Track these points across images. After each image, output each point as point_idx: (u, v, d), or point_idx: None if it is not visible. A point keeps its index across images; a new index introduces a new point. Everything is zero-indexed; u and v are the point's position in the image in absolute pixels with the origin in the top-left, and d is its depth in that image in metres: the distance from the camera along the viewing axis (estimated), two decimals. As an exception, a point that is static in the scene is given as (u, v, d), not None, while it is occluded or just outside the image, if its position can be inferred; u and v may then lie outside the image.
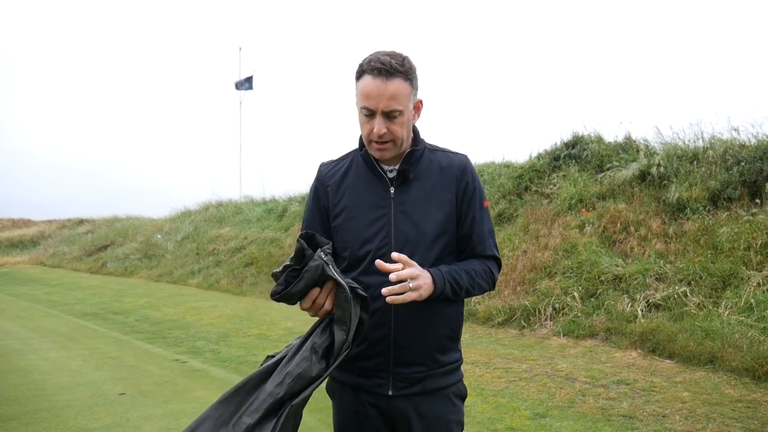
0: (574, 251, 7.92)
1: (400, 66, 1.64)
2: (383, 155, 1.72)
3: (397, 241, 1.70)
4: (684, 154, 8.47)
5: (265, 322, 8.85)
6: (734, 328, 5.55)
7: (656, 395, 4.66)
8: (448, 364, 1.76)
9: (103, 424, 4.37)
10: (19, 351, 7.22)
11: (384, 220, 1.72)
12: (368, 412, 1.74)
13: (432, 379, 1.73)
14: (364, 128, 1.70)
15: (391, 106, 1.64)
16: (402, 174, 1.74)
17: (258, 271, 12.99)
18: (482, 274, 1.77)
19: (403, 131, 1.70)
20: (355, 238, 1.73)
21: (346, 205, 1.77)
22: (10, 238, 28.59)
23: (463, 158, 1.82)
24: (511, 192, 10.23)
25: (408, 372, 1.71)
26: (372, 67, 1.64)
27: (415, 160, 1.76)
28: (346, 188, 1.79)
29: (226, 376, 5.78)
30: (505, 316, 7.47)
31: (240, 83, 23.11)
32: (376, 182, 1.76)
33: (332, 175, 1.83)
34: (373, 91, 1.63)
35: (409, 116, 1.71)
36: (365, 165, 1.78)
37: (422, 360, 1.71)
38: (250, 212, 17.19)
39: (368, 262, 1.70)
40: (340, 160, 1.86)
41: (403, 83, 1.65)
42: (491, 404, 4.63)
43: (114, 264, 18.27)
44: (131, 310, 10.69)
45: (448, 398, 1.76)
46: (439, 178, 1.76)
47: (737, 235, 6.71)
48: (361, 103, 1.67)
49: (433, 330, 1.72)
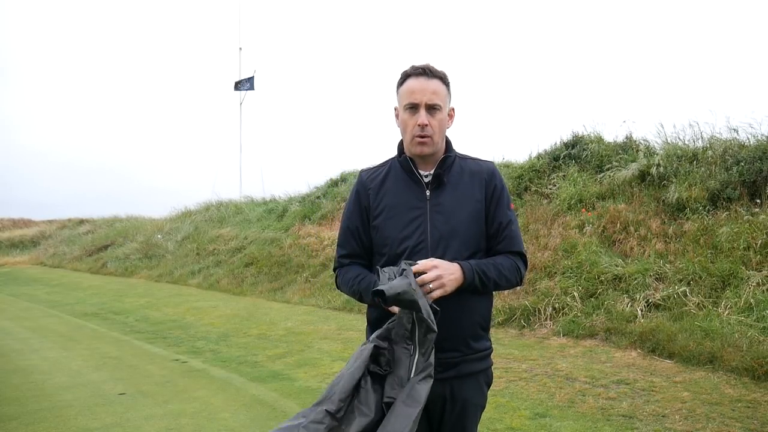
0: (574, 251, 7.93)
1: (439, 72, 1.96)
2: (423, 150, 1.93)
3: (433, 239, 1.90)
4: (684, 154, 8.48)
5: (265, 322, 8.85)
6: (734, 327, 5.55)
7: (656, 395, 4.67)
8: (480, 351, 1.98)
9: (103, 424, 4.37)
10: (20, 351, 7.22)
11: (421, 219, 1.93)
12: None
13: (466, 364, 1.93)
14: (407, 125, 1.94)
15: (433, 100, 1.91)
16: (437, 178, 1.96)
17: (258, 271, 12.99)
18: (509, 268, 1.97)
19: (441, 129, 1.96)
20: (394, 235, 1.92)
21: (386, 206, 1.97)
22: (10, 238, 28.61)
23: (491, 165, 2.07)
24: (511, 192, 10.22)
25: (445, 357, 1.85)
26: (415, 70, 1.94)
27: (448, 166, 1.98)
28: (386, 191, 1.99)
29: (226, 376, 5.78)
30: (505, 316, 7.47)
31: (241, 83, 23.09)
32: (414, 185, 1.97)
33: (373, 179, 2.04)
34: (417, 87, 1.91)
35: (445, 117, 1.97)
36: (403, 170, 2.00)
37: (457, 346, 1.90)
38: (250, 212, 17.19)
39: (406, 258, 1.88)
40: (380, 166, 2.08)
41: (441, 85, 1.95)
42: (491, 404, 4.63)
43: (114, 264, 18.27)
44: (131, 310, 10.70)
45: (477, 383, 1.99)
46: (470, 182, 1.99)
47: (737, 235, 6.71)
48: (406, 100, 1.93)
49: (467, 319, 1.92)
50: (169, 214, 21.40)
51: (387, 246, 1.93)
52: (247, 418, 4.49)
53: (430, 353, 1.73)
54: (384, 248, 1.94)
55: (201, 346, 7.37)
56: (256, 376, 5.77)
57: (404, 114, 1.95)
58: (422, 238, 1.90)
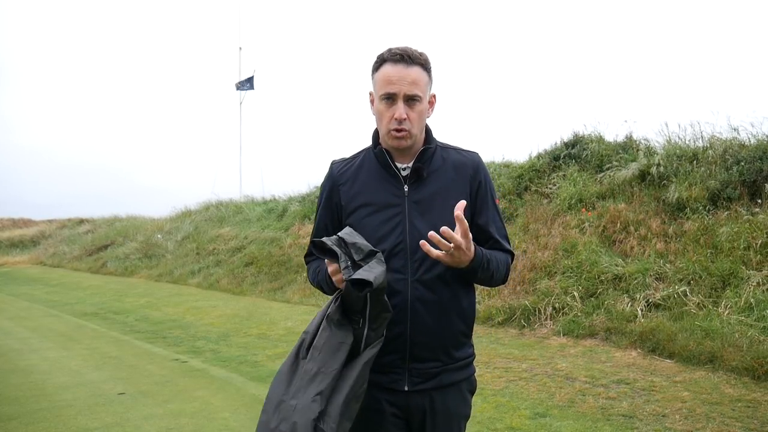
0: (574, 251, 7.93)
1: (420, 56, 1.72)
2: (400, 144, 1.73)
3: (413, 239, 1.71)
4: (684, 154, 8.47)
5: (265, 321, 8.85)
6: (734, 327, 5.55)
7: (656, 395, 4.66)
8: (462, 359, 1.80)
9: (103, 424, 4.37)
10: (19, 351, 7.22)
11: (398, 218, 1.74)
12: (384, 409, 1.75)
13: (447, 374, 1.77)
14: (383, 117, 1.73)
15: (412, 91, 1.68)
16: (416, 172, 1.76)
17: (258, 271, 12.99)
18: (504, 264, 1.82)
19: (421, 121, 1.74)
20: (369, 236, 1.72)
21: (359, 203, 1.78)
22: (10, 237, 28.61)
23: (476, 156, 1.85)
24: (511, 192, 10.23)
25: (423, 367, 1.73)
26: (393, 55, 1.70)
27: (428, 158, 1.78)
28: (360, 186, 1.80)
29: (226, 376, 5.78)
30: (505, 316, 7.47)
31: (241, 83, 23.08)
32: (390, 180, 1.77)
33: (344, 172, 1.84)
34: (395, 75, 1.68)
35: (425, 107, 1.75)
36: (378, 163, 1.80)
37: (437, 355, 1.74)
38: (250, 212, 17.18)
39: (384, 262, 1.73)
40: (353, 158, 1.87)
41: (422, 72, 1.72)
42: (491, 404, 4.63)
43: (114, 264, 18.27)
44: (131, 309, 10.70)
45: (460, 392, 1.81)
46: (453, 175, 1.79)
47: (737, 235, 6.71)
48: (382, 89, 1.70)
49: (449, 326, 1.75)
50: (169, 214, 21.41)
51: None
52: (247, 417, 4.48)
53: (382, 329, 1.64)
54: None
55: (201, 345, 7.37)
56: (256, 375, 5.76)
57: (380, 104, 1.72)
58: (400, 239, 1.72)
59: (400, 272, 1.70)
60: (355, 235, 1.68)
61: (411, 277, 1.71)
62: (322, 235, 1.80)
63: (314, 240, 1.73)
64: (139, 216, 23.99)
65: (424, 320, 1.71)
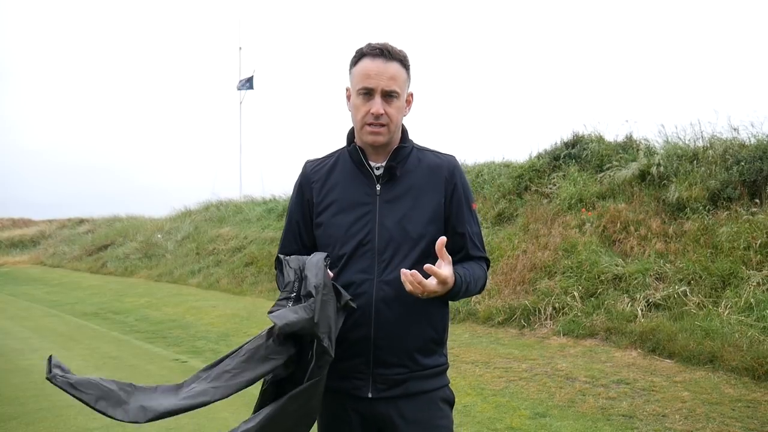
0: (574, 251, 7.92)
1: (399, 52, 1.70)
2: (377, 140, 1.69)
3: (381, 239, 1.69)
4: (684, 154, 8.47)
5: (265, 321, 8.80)
6: (734, 327, 5.55)
7: (656, 395, 4.66)
8: (431, 368, 1.72)
9: (103, 424, 4.37)
10: (20, 350, 7.22)
11: (368, 217, 1.71)
12: (350, 417, 1.70)
13: (415, 382, 1.69)
14: (359, 111, 1.70)
15: (390, 86, 1.66)
16: (389, 171, 1.73)
17: (258, 271, 12.99)
18: (482, 278, 1.78)
19: (398, 117, 1.71)
20: (338, 234, 1.71)
21: (330, 201, 1.76)
22: (10, 237, 28.58)
23: (452, 159, 1.81)
24: (511, 192, 10.23)
25: (389, 373, 1.67)
26: (372, 49, 1.68)
27: (402, 158, 1.75)
28: (332, 185, 1.77)
29: (226, 376, 5.78)
30: (505, 316, 7.47)
31: (240, 83, 23.08)
32: (362, 178, 1.75)
33: (317, 171, 1.82)
34: (374, 70, 1.66)
35: (403, 104, 1.73)
36: (352, 161, 1.77)
37: (403, 361, 1.68)
38: (250, 212, 17.18)
39: (348, 259, 1.70)
40: (327, 157, 1.85)
41: (400, 68, 1.70)
42: (491, 404, 4.63)
43: (114, 264, 18.27)
44: (131, 309, 10.69)
45: (433, 402, 1.72)
46: (428, 177, 1.75)
47: (737, 235, 6.71)
48: (360, 84, 1.68)
49: (416, 331, 1.69)
50: (169, 214, 21.40)
51: (330, 246, 1.72)
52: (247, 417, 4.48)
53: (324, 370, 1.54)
54: (327, 248, 1.73)
55: (201, 345, 7.37)
56: (256, 375, 5.76)
57: (357, 99, 1.69)
58: (369, 238, 1.69)
59: (365, 272, 1.67)
60: (312, 267, 1.59)
61: (377, 278, 1.67)
62: (294, 231, 1.83)
63: (278, 256, 1.74)
64: (139, 216, 23.99)
65: (389, 322, 1.65)
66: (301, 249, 1.83)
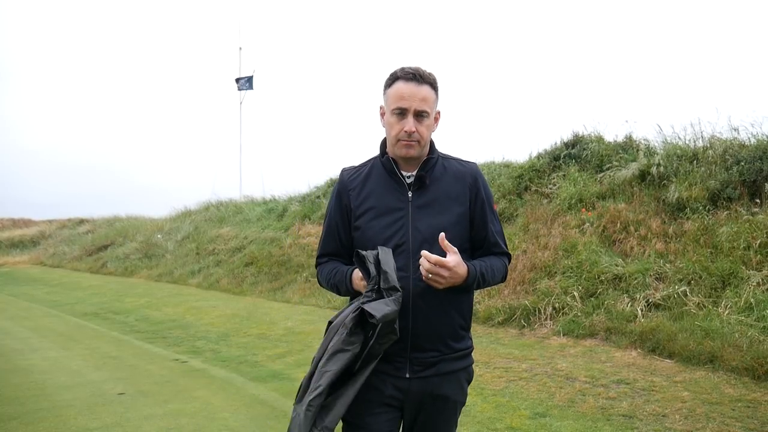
0: (574, 251, 7.93)
1: (429, 76, 1.93)
2: (409, 153, 1.92)
3: (415, 240, 1.90)
4: (684, 154, 8.47)
5: (265, 321, 8.85)
6: (734, 327, 5.55)
7: (656, 395, 4.66)
8: (460, 350, 1.98)
9: (103, 424, 4.37)
10: (20, 351, 7.22)
11: (403, 221, 1.93)
12: (385, 386, 1.91)
13: (445, 363, 1.94)
14: (393, 129, 1.92)
15: (422, 107, 1.89)
16: (419, 179, 1.96)
17: (258, 271, 12.99)
18: (501, 269, 2.03)
19: (428, 134, 1.95)
20: (376, 236, 1.92)
21: (368, 207, 1.97)
22: (10, 237, 28.57)
23: (474, 167, 2.06)
24: (511, 192, 10.23)
25: (424, 356, 1.91)
26: (406, 74, 1.91)
27: (430, 167, 1.98)
28: (368, 192, 1.99)
29: (226, 376, 5.78)
30: (505, 316, 7.47)
31: (240, 82, 23.07)
32: (396, 186, 1.97)
33: (354, 179, 2.04)
34: (407, 92, 1.89)
35: (432, 122, 1.96)
36: (385, 171, 1.99)
37: (436, 346, 1.92)
38: (250, 212, 17.18)
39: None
40: (361, 166, 2.07)
41: (431, 90, 1.93)
42: (491, 404, 4.63)
43: (114, 264, 18.26)
44: (131, 309, 10.70)
45: (458, 380, 1.99)
46: (453, 184, 1.98)
47: (737, 235, 6.71)
48: (395, 104, 1.91)
49: (447, 320, 1.93)
50: (169, 214, 21.38)
51: (368, 248, 1.91)
52: (247, 417, 4.49)
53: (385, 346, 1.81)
54: (365, 249, 1.92)
55: (201, 345, 7.37)
56: (256, 375, 5.77)
57: (391, 117, 1.93)
58: (404, 239, 1.91)
59: (402, 270, 1.86)
60: (389, 263, 1.82)
61: (413, 275, 1.87)
62: (334, 233, 2.04)
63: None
64: (139, 216, 23.98)
65: (425, 314, 1.88)
66: (339, 248, 2.06)
